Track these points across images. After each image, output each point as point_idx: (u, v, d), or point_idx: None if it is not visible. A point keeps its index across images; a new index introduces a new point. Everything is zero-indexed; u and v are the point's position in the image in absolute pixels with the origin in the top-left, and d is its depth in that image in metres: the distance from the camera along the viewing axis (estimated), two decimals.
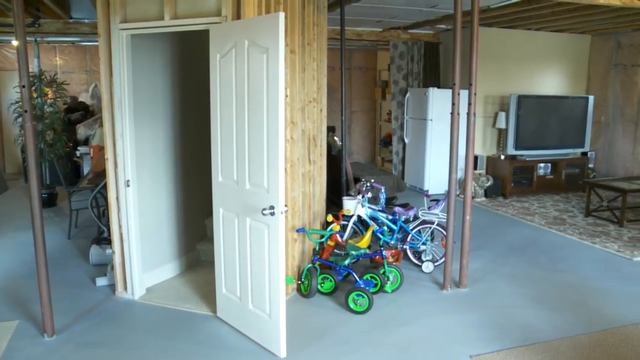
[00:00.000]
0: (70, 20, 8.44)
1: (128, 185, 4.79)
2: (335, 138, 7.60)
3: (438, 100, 9.57)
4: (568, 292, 5.40)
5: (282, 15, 3.52)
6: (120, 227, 4.91)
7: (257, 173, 3.89)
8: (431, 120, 9.64)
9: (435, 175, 9.74)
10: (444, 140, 9.53)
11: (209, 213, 6.11)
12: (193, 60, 5.65)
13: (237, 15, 4.11)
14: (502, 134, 10.01)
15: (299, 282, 5.16)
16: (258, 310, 4.12)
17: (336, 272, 5.19)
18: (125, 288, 5.05)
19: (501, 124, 9.80)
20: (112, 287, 5.25)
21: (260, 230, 3.94)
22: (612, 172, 10.37)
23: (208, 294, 5.04)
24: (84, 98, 11.54)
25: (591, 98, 10.12)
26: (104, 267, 5.73)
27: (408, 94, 10.35)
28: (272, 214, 3.75)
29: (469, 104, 5.05)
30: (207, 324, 4.53)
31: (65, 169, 7.53)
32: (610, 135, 10.42)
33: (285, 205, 3.79)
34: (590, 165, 10.46)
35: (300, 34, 4.95)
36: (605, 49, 10.43)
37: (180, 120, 5.57)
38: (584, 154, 10.37)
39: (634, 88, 9.91)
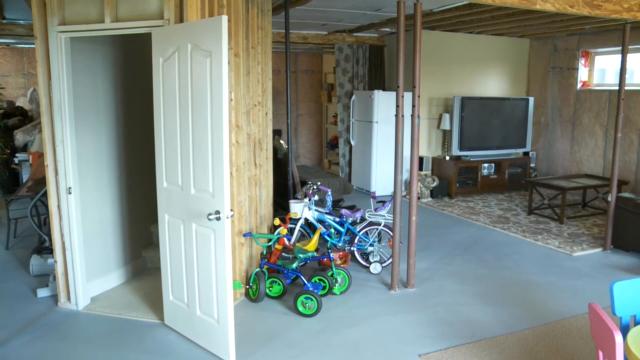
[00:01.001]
0: (4, 21, 8.15)
1: (70, 193, 4.66)
2: (282, 141, 7.58)
3: (383, 102, 9.67)
4: (512, 288, 5.53)
5: (225, 18, 3.50)
6: (62, 235, 4.78)
7: (202, 178, 3.85)
8: (377, 122, 9.73)
9: (381, 177, 9.83)
10: (389, 142, 9.65)
11: (155, 219, 6.01)
12: (137, 64, 5.55)
13: (180, 19, 4.06)
14: (446, 135, 10.19)
15: (247, 286, 5.13)
16: (206, 317, 4.08)
17: (284, 276, 5.18)
18: (69, 298, 4.91)
19: (445, 125, 9.98)
20: (54, 298, 5.10)
21: (206, 236, 3.89)
22: (553, 171, 10.69)
23: (155, 302, 4.96)
24: (22, 103, 11.17)
25: (531, 99, 10.41)
26: (46, 277, 5.57)
27: (354, 97, 10.42)
28: (218, 218, 3.72)
29: (413, 106, 5.12)
30: (155, 332, 4.45)
31: (3, 177, 7.28)
32: (550, 135, 10.74)
33: (231, 210, 3.77)
34: (532, 165, 10.76)
35: (244, 38, 4.92)
36: (543, 52, 10.75)
37: (125, 126, 5.46)
38: (526, 153, 10.66)
39: (571, 90, 10.24)
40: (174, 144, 4.05)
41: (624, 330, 3.16)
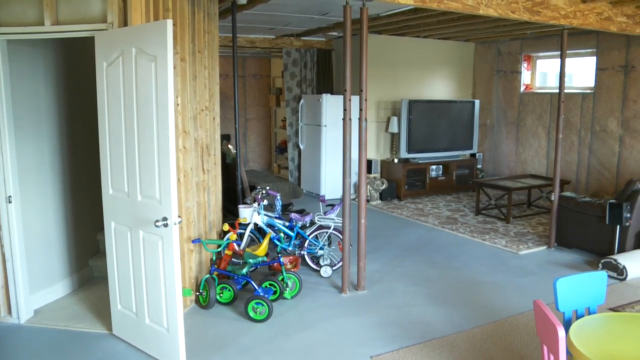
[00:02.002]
0: None
1: (10, 202, 4.52)
2: (230, 146, 7.53)
3: (332, 106, 9.72)
4: (461, 288, 5.63)
5: (170, 22, 3.46)
6: (2, 246, 4.62)
7: (148, 184, 3.79)
8: (325, 126, 9.77)
9: (331, 180, 9.87)
10: (338, 146, 9.69)
11: (101, 227, 5.86)
12: (81, 68, 5.42)
13: (124, 22, 3.99)
14: (395, 138, 10.30)
15: (197, 293, 5.07)
16: (156, 325, 4.01)
17: (235, 282, 5.14)
18: (10, 312, 4.75)
19: (394, 128, 10.09)
20: None
21: (154, 243, 3.83)
22: (499, 171, 10.93)
23: (103, 312, 4.84)
24: None
25: (477, 102, 10.63)
26: None
27: (302, 101, 10.44)
28: (166, 225, 3.67)
29: (360, 109, 5.16)
30: (103, 343, 4.34)
31: None
32: (496, 137, 10.98)
33: (179, 216, 3.72)
34: (479, 166, 10.98)
35: (190, 42, 4.87)
36: (488, 56, 11.00)
37: (69, 132, 5.32)
38: (473, 155, 10.87)
39: (514, 93, 10.50)
40: (119, 150, 3.98)
41: (567, 325, 3.26)
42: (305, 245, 5.94)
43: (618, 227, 6.33)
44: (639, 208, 6.34)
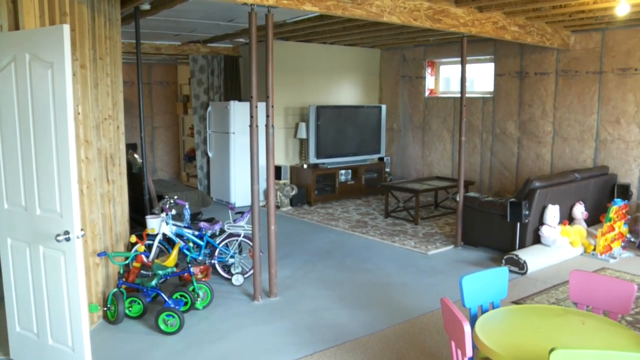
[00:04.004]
0: None
1: None
2: (136, 155, 7.33)
3: (240, 113, 9.65)
4: (373, 290, 5.72)
5: (66, 27, 3.32)
6: None
7: (48, 197, 3.61)
8: (234, 133, 9.69)
9: (241, 188, 9.79)
10: (247, 153, 9.50)
11: None
12: None
13: (16, 26, 3.78)
14: (303, 144, 10.35)
15: (105, 308, 4.88)
16: (60, 345, 3.82)
17: (144, 294, 5.00)
18: None
19: (302, 134, 10.14)
20: None
21: (55, 258, 3.65)
22: (406, 174, 11.21)
23: None
24: None
25: (384, 107, 10.87)
26: None
27: (210, 108, 10.31)
28: (68, 239, 3.51)
29: (267, 116, 5.16)
30: None
31: None
32: (403, 140, 11.26)
33: (82, 229, 3.57)
34: (387, 169, 11.22)
35: (91, 48, 4.70)
36: (393, 62, 11.27)
37: None
38: (381, 159, 11.09)
39: (419, 97, 10.81)
40: (14, 162, 3.76)
41: (473, 320, 3.37)
42: (216, 254, 5.86)
43: (518, 224, 6.64)
44: (537, 205, 6.68)
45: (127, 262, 5.13)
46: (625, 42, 7.82)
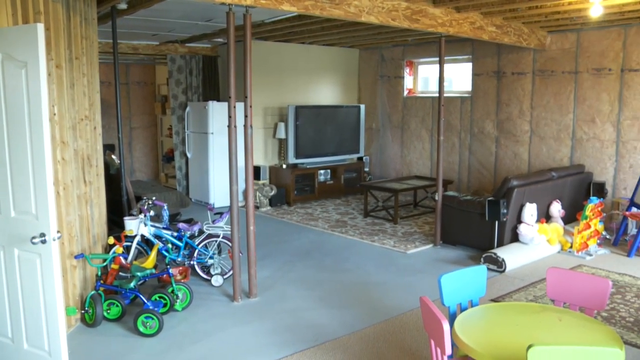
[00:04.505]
0: None
1: None
2: (113, 156, 7.27)
3: (218, 113, 9.61)
4: (353, 290, 5.73)
5: (41, 26, 3.27)
6: None
7: (23, 199, 3.56)
8: (212, 133, 9.65)
9: (220, 188, 9.75)
10: (226, 153, 9.45)
11: None
12: None
13: None
14: (282, 144, 10.33)
15: (83, 311, 4.83)
16: (35, 349, 3.77)
17: (122, 296, 4.95)
18: None
19: (281, 134, 10.13)
20: None
21: (31, 261, 3.60)
22: (385, 174, 11.24)
23: None
24: None
25: (362, 107, 10.89)
26: None
27: (188, 108, 10.25)
28: (44, 242, 3.46)
29: (245, 116, 5.14)
30: None
31: None
32: (382, 140, 11.29)
33: (59, 231, 3.53)
34: (366, 169, 11.25)
35: (66, 48, 4.64)
36: (372, 62, 11.30)
37: None
38: (360, 158, 11.11)
39: (398, 97, 10.85)
40: None
41: (452, 318, 3.40)
42: (195, 255, 5.82)
43: (497, 222, 6.69)
44: (514, 204, 6.74)
45: (105, 264, 5.08)
46: (600, 42, 7.93)
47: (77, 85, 4.91)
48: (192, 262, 5.82)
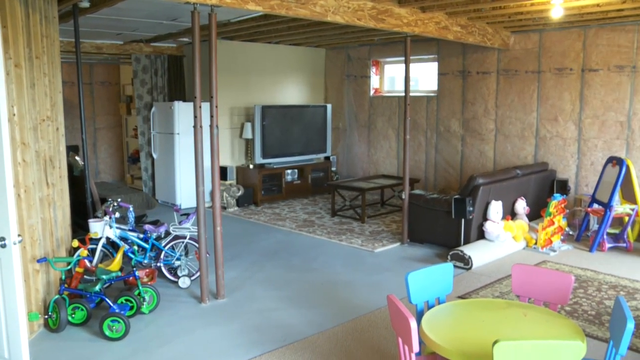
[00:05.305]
0: None
1: None
2: (77, 158, 7.14)
3: (184, 113, 9.52)
4: (321, 289, 5.73)
5: None
6: None
7: None
8: (178, 134, 9.56)
9: (187, 189, 9.66)
10: (192, 154, 9.44)
11: None
12: None
13: None
14: (249, 144, 10.29)
15: (46, 316, 4.74)
16: None
17: (87, 300, 4.87)
18: None
19: (248, 134, 10.08)
20: None
21: None
22: (353, 173, 11.28)
23: None
24: None
25: (329, 106, 10.90)
26: None
27: (154, 109, 10.14)
28: (4, 246, 3.39)
29: (211, 116, 5.10)
30: None
31: None
32: (348, 139, 11.32)
33: (19, 235, 3.46)
34: (333, 169, 11.26)
35: (26, 46, 4.54)
36: (338, 61, 11.32)
37: None
38: (327, 158, 11.13)
39: (365, 96, 10.89)
40: None
41: (420, 316, 3.42)
42: (162, 256, 5.76)
43: (463, 220, 6.76)
44: (480, 202, 6.81)
45: (69, 267, 5.00)
46: (561, 43, 8.07)
47: (38, 85, 4.81)
48: (158, 264, 5.76)
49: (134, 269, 5.06)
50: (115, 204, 5.78)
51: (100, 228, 5.53)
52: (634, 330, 4.51)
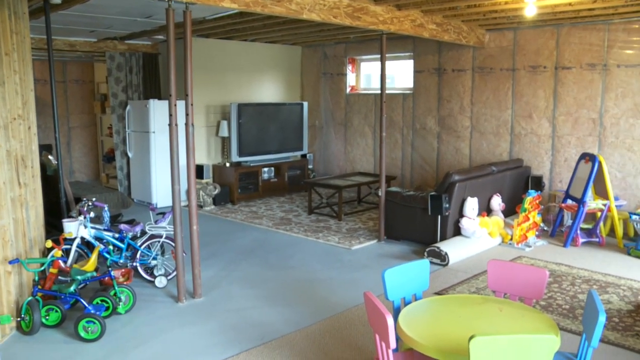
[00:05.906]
0: None
1: None
2: (50, 157, 7.04)
3: (159, 111, 9.44)
4: (298, 287, 5.72)
5: None
6: None
7: None
8: (154, 132, 9.48)
9: (162, 188, 9.58)
10: (168, 152, 9.39)
11: None
12: None
13: None
14: (225, 142, 10.24)
15: (19, 318, 4.66)
16: None
17: (62, 301, 4.80)
18: None
19: (224, 132, 10.03)
20: None
21: None
22: (329, 170, 11.28)
23: None
24: None
25: (305, 104, 10.89)
26: None
27: (128, 107, 10.04)
28: None
29: (187, 114, 5.07)
30: None
31: None
32: (325, 137, 11.33)
33: None
34: (310, 166, 11.25)
35: None
36: (315, 59, 11.32)
37: None
38: (304, 156, 11.12)
39: (341, 94, 10.91)
40: None
41: (397, 312, 3.43)
42: (137, 256, 5.71)
43: (439, 217, 6.80)
44: (456, 198, 6.86)
45: (42, 268, 4.93)
46: (535, 41, 8.16)
47: (8, 83, 4.73)
48: (134, 264, 5.71)
49: (110, 269, 5.01)
50: (90, 203, 5.72)
51: (75, 228, 5.47)
52: (606, 322, 4.59)
